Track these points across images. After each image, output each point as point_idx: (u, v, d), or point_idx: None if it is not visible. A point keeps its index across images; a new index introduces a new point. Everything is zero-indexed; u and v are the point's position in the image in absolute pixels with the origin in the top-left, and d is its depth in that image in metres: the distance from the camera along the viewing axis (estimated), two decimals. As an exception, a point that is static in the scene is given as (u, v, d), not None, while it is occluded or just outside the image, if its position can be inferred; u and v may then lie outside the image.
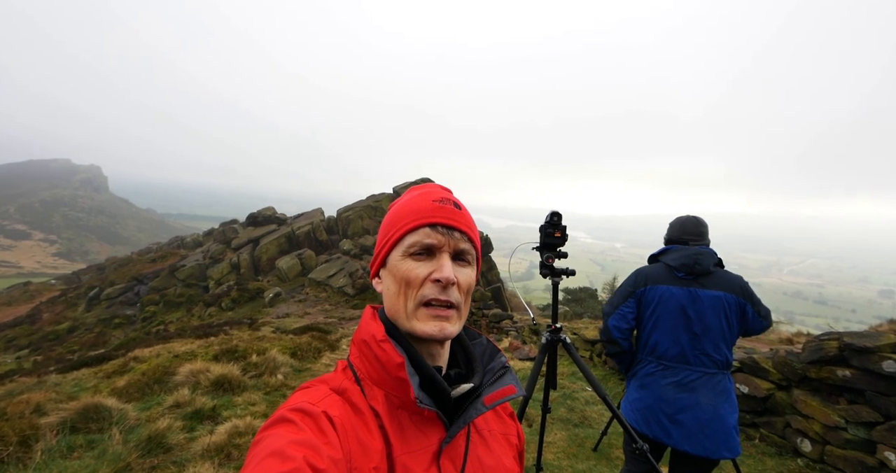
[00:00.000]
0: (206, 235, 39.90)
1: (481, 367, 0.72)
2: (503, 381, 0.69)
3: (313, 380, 0.66)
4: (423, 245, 0.65)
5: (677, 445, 1.95)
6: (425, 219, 0.66)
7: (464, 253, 0.68)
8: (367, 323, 0.68)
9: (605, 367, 5.50)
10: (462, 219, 0.69)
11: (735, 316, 1.94)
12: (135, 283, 29.71)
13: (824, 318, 56.30)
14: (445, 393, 0.64)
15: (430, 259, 0.66)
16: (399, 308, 0.66)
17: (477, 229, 0.74)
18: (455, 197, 0.73)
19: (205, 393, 4.55)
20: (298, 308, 18.69)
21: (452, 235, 0.67)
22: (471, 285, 0.68)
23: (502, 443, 0.75)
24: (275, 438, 0.53)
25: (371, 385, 0.64)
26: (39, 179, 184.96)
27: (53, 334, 23.80)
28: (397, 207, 0.72)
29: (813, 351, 3.15)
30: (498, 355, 0.75)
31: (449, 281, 0.63)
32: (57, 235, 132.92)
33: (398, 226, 0.68)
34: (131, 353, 7.26)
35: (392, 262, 0.68)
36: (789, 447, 3.28)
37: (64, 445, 3.27)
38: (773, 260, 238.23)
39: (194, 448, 3.31)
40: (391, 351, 0.62)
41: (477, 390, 0.67)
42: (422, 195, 0.71)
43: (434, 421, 0.64)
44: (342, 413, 0.59)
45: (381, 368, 0.63)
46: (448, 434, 0.63)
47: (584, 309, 18.23)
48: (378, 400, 0.63)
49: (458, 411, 0.66)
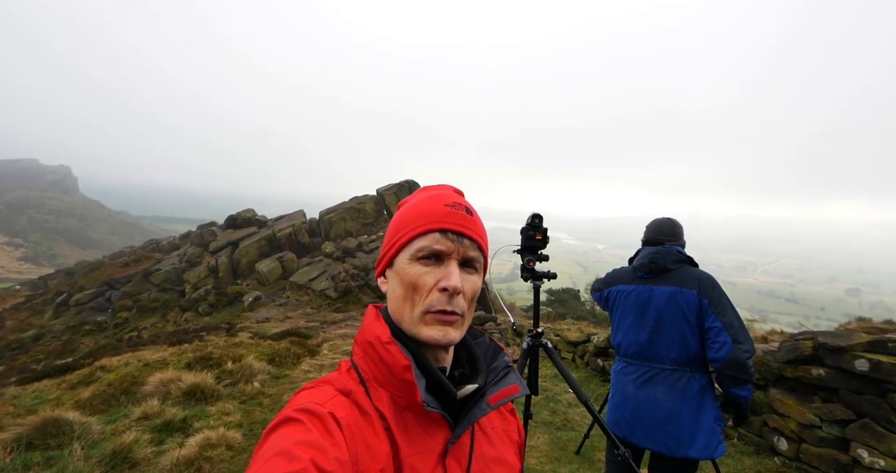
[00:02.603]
0: (182, 238, 38.77)
1: (485, 367, 0.72)
2: (507, 381, 0.70)
3: (317, 380, 0.66)
4: (431, 250, 0.65)
5: (639, 442, 1.93)
6: (436, 224, 0.65)
7: (472, 260, 0.67)
8: (372, 323, 0.67)
9: (588, 369, 5.51)
10: (473, 225, 0.68)
11: (693, 311, 1.85)
12: (106, 288, 28.59)
13: (795, 316, 58.39)
14: (451, 395, 0.64)
15: (438, 265, 0.65)
16: (404, 312, 0.65)
17: (487, 236, 0.72)
18: (467, 201, 0.71)
19: (175, 404, 4.36)
20: (279, 312, 18.30)
21: (462, 242, 0.66)
22: (476, 292, 0.68)
23: (504, 440, 0.75)
24: (281, 438, 0.52)
25: (376, 386, 0.64)
26: (5, 180, 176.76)
27: (17, 342, 22.65)
28: (408, 207, 0.70)
29: (789, 350, 3.20)
30: (501, 354, 0.75)
31: (456, 290, 0.63)
32: (23, 239, 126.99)
33: (408, 229, 0.67)
34: (98, 362, 6.93)
35: (399, 264, 0.67)
36: (766, 446, 3.32)
37: (19, 463, 3.06)
38: (751, 260, 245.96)
39: (162, 462, 3.16)
40: (397, 353, 0.61)
41: (481, 390, 0.67)
42: (434, 197, 0.69)
43: (439, 422, 0.64)
44: (349, 414, 0.59)
45: (387, 370, 0.62)
46: (454, 435, 0.64)
47: (567, 310, 18.39)
48: (383, 402, 0.62)
49: (462, 411, 0.65)
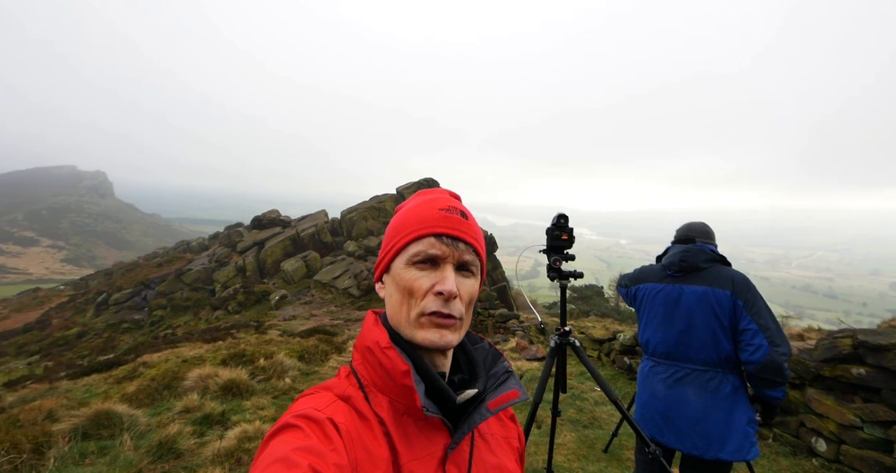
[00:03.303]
0: (211, 239, 40.16)
1: (484, 372, 0.72)
2: (507, 386, 0.69)
3: (316, 387, 0.66)
4: (427, 255, 0.65)
5: (669, 443, 1.91)
6: (431, 229, 0.66)
7: (468, 264, 0.67)
8: (370, 328, 0.68)
9: (614, 367, 5.46)
10: (468, 229, 0.68)
11: (726, 311, 1.83)
12: (142, 288, 29.95)
13: (835, 312, 55.78)
14: (451, 400, 0.64)
15: (433, 269, 0.65)
16: (401, 317, 0.65)
17: (483, 239, 0.72)
18: (463, 205, 0.72)
19: (214, 398, 4.57)
20: (304, 310, 18.75)
21: (457, 246, 0.66)
22: (473, 296, 0.68)
23: (504, 447, 0.75)
24: (280, 444, 0.52)
25: (375, 391, 0.64)
26: (45, 186, 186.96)
27: (63, 339, 24.04)
28: (403, 213, 0.71)
29: (826, 348, 3.10)
30: (500, 359, 0.75)
31: (451, 294, 0.63)
32: (65, 241, 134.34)
33: (403, 234, 0.67)
34: (140, 358, 7.31)
35: (395, 270, 0.67)
36: (804, 446, 3.23)
37: (76, 452, 3.29)
38: (781, 253, 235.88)
39: (205, 453, 3.33)
40: (396, 358, 0.61)
41: (481, 395, 0.67)
42: (429, 201, 0.70)
43: (439, 427, 0.64)
44: (348, 419, 0.59)
45: (386, 375, 0.62)
46: (453, 441, 0.63)
47: (590, 306, 18.15)
48: (383, 407, 0.62)
49: (462, 416, 0.65)
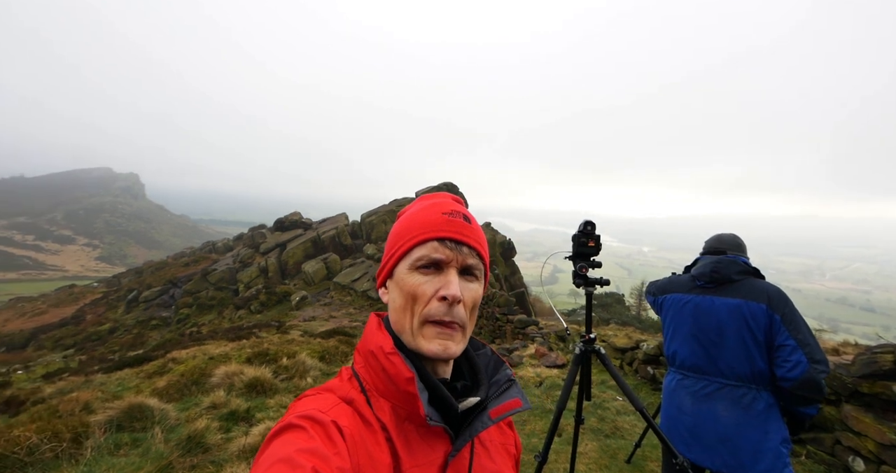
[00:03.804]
0: (236, 240, 41.32)
1: (486, 379, 0.72)
2: (509, 394, 0.69)
3: (318, 388, 0.66)
4: (430, 259, 0.65)
5: (697, 460, 1.85)
6: (434, 233, 0.65)
7: (471, 268, 0.67)
8: (374, 332, 0.67)
9: (637, 376, 5.35)
10: (471, 233, 0.68)
11: (760, 325, 1.77)
12: (170, 286, 31.03)
13: (872, 327, 52.85)
14: (453, 409, 0.64)
15: (437, 273, 0.65)
16: (404, 323, 0.65)
17: (486, 243, 0.73)
18: (466, 209, 0.72)
19: (239, 395, 4.70)
20: (324, 311, 19.04)
21: (461, 250, 0.65)
22: (477, 301, 0.67)
23: (502, 453, 0.74)
24: (283, 445, 0.52)
25: (377, 396, 0.64)
26: (83, 187, 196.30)
27: (96, 334, 25.11)
28: (406, 218, 0.71)
29: (865, 364, 2.97)
30: (503, 367, 0.74)
31: (455, 298, 0.62)
32: (99, 240, 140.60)
33: (406, 239, 0.67)
34: (169, 355, 7.57)
35: (399, 275, 0.67)
36: (839, 465, 3.10)
37: (111, 442, 3.44)
38: (815, 264, 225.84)
39: (231, 448, 3.42)
40: (400, 364, 0.61)
41: (482, 403, 0.67)
42: (432, 206, 0.70)
43: (440, 434, 0.64)
44: (351, 423, 0.58)
45: (389, 381, 0.62)
46: (454, 448, 0.63)
47: (611, 314, 17.79)
48: (385, 412, 0.62)
49: (463, 423, 0.65)
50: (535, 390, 5.12)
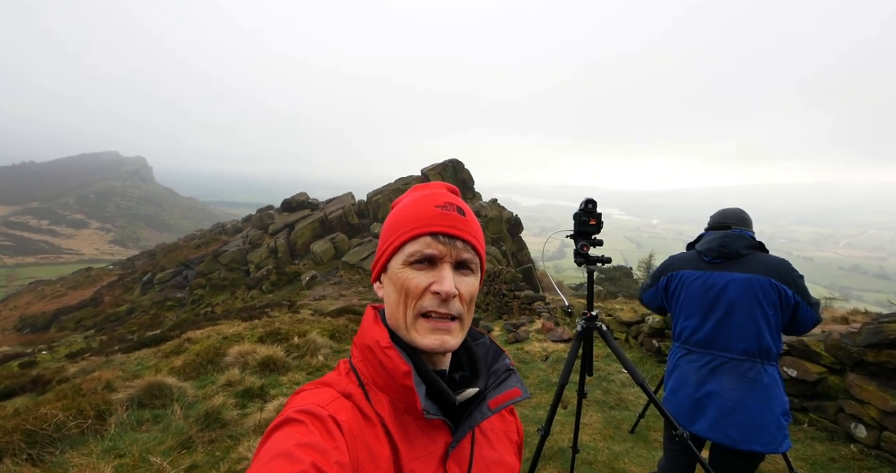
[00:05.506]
0: (244, 221, 41.69)
1: (485, 369, 0.71)
2: (508, 384, 0.68)
3: (315, 382, 0.66)
4: (423, 255, 0.63)
5: (701, 433, 1.87)
6: (426, 228, 0.64)
7: (466, 262, 0.66)
8: (370, 326, 0.67)
9: (642, 349, 5.40)
10: (466, 226, 0.66)
11: (770, 300, 1.78)
12: (183, 268, 31.66)
13: (885, 293, 52.42)
14: (451, 401, 0.63)
15: (431, 268, 0.64)
16: (399, 317, 0.64)
17: (482, 236, 0.71)
18: (461, 200, 0.70)
19: (253, 373, 4.86)
20: (334, 290, 19.35)
21: (455, 245, 0.64)
22: (473, 294, 0.66)
23: (504, 441, 0.75)
24: (282, 439, 0.52)
25: (375, 390, 0.63)
26: (92, 171, 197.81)
27: (114, 315, 25.94)
28: (398, 210, 0.70)
29: (871, 333, 2.96)
30: (502, 356, 0.74)
31: (449, 294, 0.61)
32: (111, 223, 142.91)
33: (399, 233, 0.66)
34: (185, 335, 7.80)
35: (392, 269, 0.66)
36: (841, 432, 3.14)
37: (133, 419, 3.60)
38: (829, 232, 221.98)
39: (246, 423, 3.57)
40: (397, 358, 0.61)
41: (481, 394, 0.67)
42: (425, 197, 0.68)
43: (439, 426, 0.64)
44: (350, 417, 0.58)
45: (387, 375, 0.62)
46: (454, 439, 0.63)
47: (618, 288, 17.85)
48: (383, 406, 0.62)
49: (462, 414, 0.65)
50: (541, 364, 5.21)
